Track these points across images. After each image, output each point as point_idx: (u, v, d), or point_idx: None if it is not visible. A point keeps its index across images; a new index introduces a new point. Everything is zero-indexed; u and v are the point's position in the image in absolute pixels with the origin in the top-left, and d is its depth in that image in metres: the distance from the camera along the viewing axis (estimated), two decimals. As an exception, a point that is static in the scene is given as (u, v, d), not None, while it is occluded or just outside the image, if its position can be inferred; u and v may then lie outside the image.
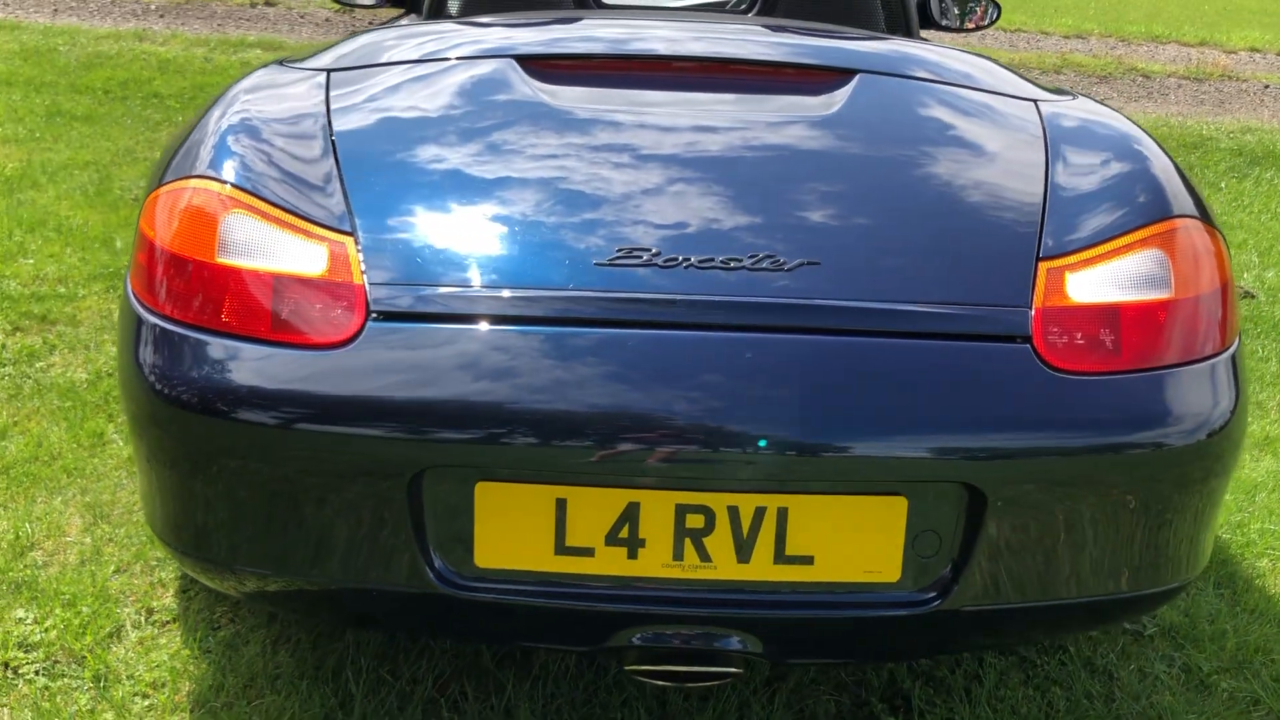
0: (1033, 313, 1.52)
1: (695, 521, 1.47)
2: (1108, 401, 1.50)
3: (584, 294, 1.48)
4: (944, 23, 3.48)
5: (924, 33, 3.64)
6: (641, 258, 1.51)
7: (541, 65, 1.92)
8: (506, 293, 1.48)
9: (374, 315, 1.48)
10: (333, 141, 1.70)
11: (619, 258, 1.51)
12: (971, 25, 3.56)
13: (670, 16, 2.49)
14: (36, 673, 1.88)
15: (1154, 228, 1.64)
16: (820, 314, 1.48)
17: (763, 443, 1.42)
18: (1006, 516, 1.48)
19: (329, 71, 1.97)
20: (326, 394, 1.44)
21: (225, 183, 1.61)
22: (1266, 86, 7.69)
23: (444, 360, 1.45)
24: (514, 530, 1.48)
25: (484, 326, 1.46)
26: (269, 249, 1.55)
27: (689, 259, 1.51)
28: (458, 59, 1.99)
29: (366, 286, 1.50)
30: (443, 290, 1.49)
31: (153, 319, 1.57)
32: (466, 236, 1.55)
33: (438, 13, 2.68)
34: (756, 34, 2.19)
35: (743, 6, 2.73)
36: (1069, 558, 1.53)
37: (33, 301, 3.37)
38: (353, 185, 1.62)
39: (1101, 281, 1.58)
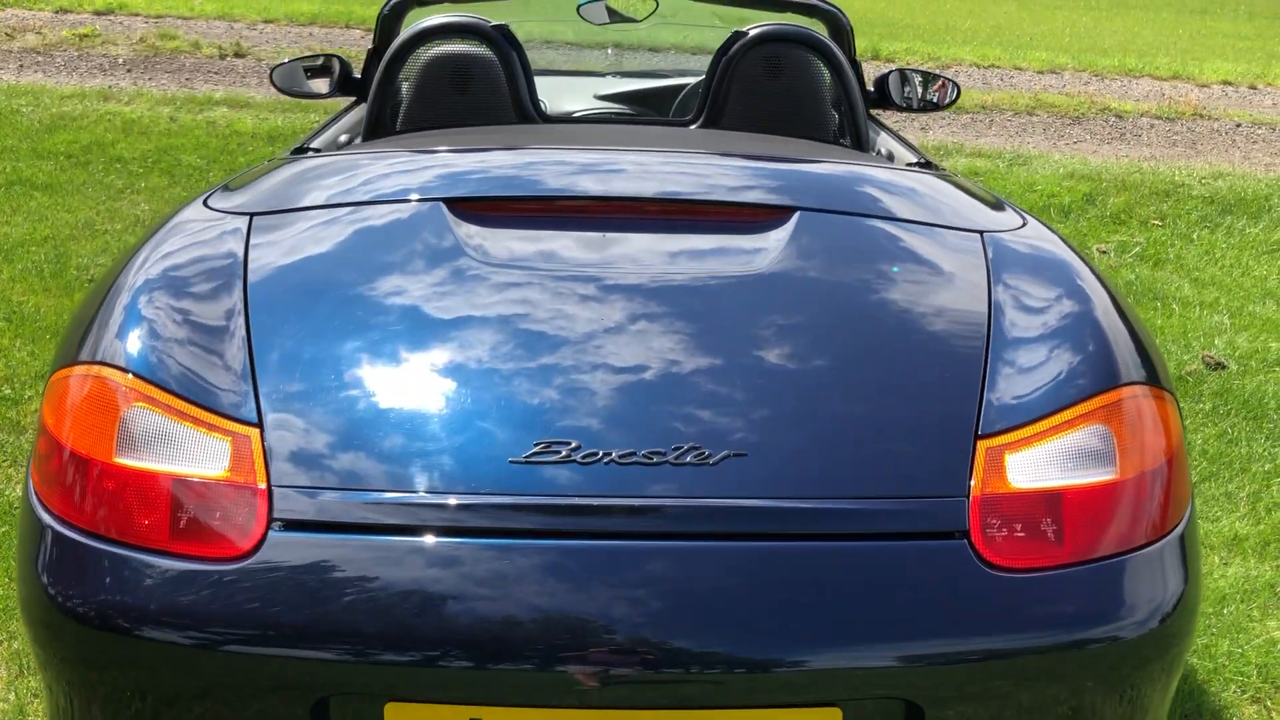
0: (970, 502, 1.46)
1: None
2: (1051, 601, 1.44)
3: (499, 500, 1.41)
4: (902, 104, 3.43)
5: (884, 114, 3.59)
6: (560, 453, 1.44)
7: (471, 208, 1.86)
8: (416, 498, 1.41)
9: (276, 524, 1.41)
10: (246, 310, 1.64)
11: (536, 454, 1.44)
12: (931, 103, 3.51)
13: (613, 136, 2.43)
14: None
15: (1098, 400, 1.58)
16: (746, 517, 1.42)
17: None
18: None
19: (251, 216, 1.91)
20: (224, 612, 1.37)
21: (127, 371, 1.54)
22: (1238, 125, 7.68)
23: (349, 574, 1.38)
24: None
25: (392, 537, 1.40)
26: (169, 447, 1.48)
27: (609, 454, 1.44)
28: (385, 201, 1.93)
29: (270, 490, 1.43)
30: (348, 495, 1.42)
31: (48, 519, 1.49)
32: (377, 430, 1.48)
33: (378, 124, 2.61)
34: (697, 159, 2.14)
35: (687, 117, 2.67)
36: None
37: (-25, 408, 3.29)
38: (262, 365, 1.55)
39: (1043, 463, 1.52)
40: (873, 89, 3.38)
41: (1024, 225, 2.04)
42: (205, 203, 2.03)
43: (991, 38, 11.92)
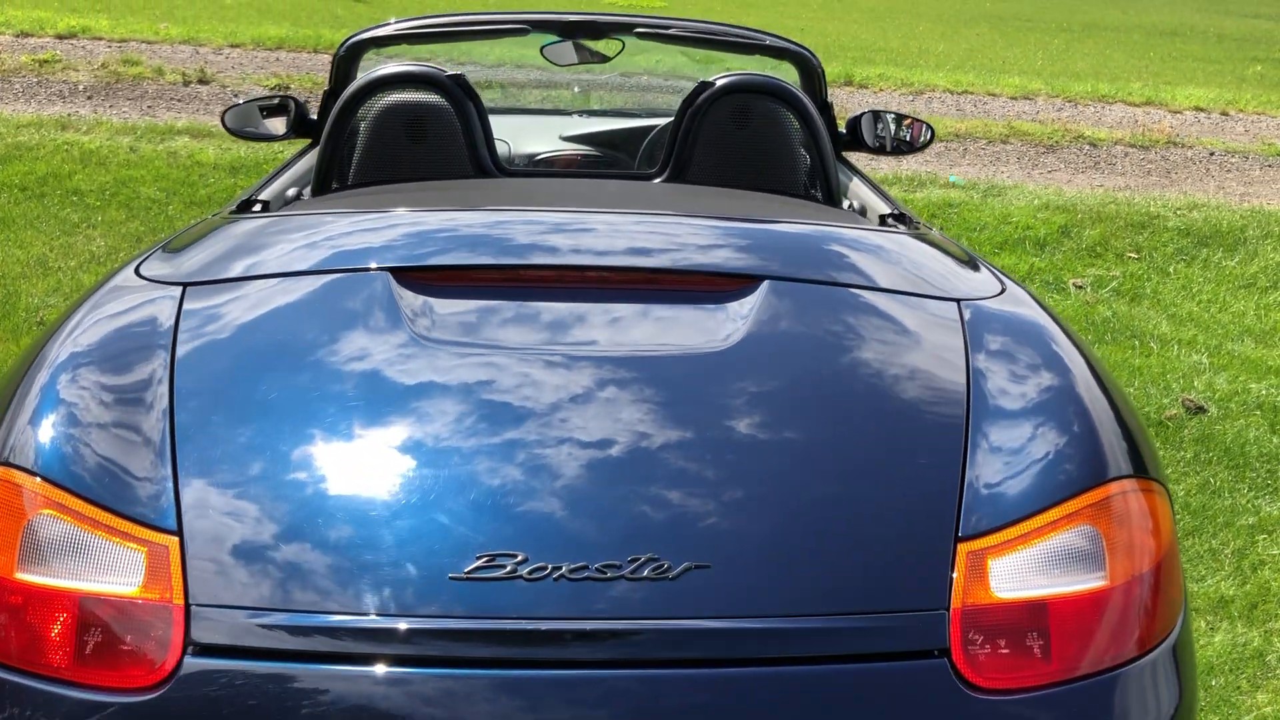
0: (950, 615, 1.35)
1: None
2: None
3: (438, 624, 1.29)
4: (875, 145, 3.34)
5: (856, 157, 3.51)
6: (505, 567, 1.32)
7: (419, 277, 1.75)
8: (347, 621, 1.29)
9: (192, 648, 1.28)
10: (171, 399, 1.51)
11: (479, 568, 1.32)
12: (905, 144, 3.43)
13: (572, 192, 2.32)
14: None
15: (1085, 497, 1.48)
16: (708, 641, 1.30)
17: None
18: None
19: (184, 286, 1.79)
20: None
21: (35, 474, 1.42)
22: (1211, 154, 7.66)
23: (274, 708, 1.26)
24: None
25: (321, 666, 1.27)
26: (77, 560, 1.35)
27: (559, 569, 1.32)
28: (327, 272, 1.81)
29: (188, 609, 1.30)
30: (273, 617, 1.30)
31: None
32: (307, 540, 1.36)
33: (328, 176, 2.49)
34: (659, 221, 2.03)
35: (652, 170, 2.57)
36: None
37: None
38: (185, 462, 1.43)
39: (1028, 568, 1.41)
40: (844, 131, 3.30)
41: (1002, 291, 1.94)
42: (138, 269, 1.91)
43: (965, 61, 11.91)
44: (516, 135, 3.55)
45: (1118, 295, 5.19)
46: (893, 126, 3.42)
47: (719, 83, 2.47)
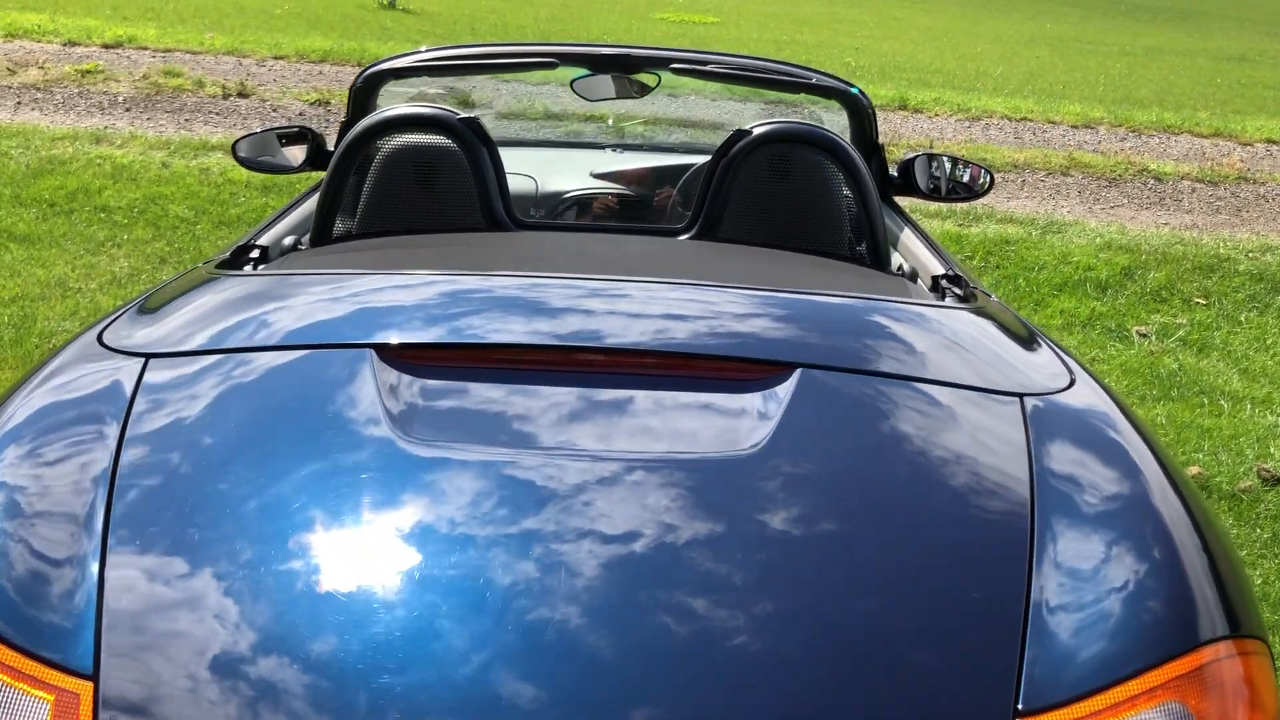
0: None
1: None
2: None
3: None
4: (928, 190, 3.09)
5: (907, 201, 3.26)
6: None
7: (407, 356, 1.54)
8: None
9: None
10: (110, 505, 1.31)
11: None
12: (961, 187, 3.17)
13: (591, 251, 2.10)
14: None
15: (1173, 666, 1.22)
16: None
17: None
18: None
19: (147, 359, 1.60)
20: None
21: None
22: (1286, 190, 7.29)
23: None
24: None
25: None
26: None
27: None
28: (303, 347, 1.61)
29: None
30: None
31: None
32: (252, 692, 1.15)
33: (327, 223, 2.30)
34: (682, 292, 1.80)
35: (679, 226, 2.34)
36: None
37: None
38: (114, 590, 1.22)
39: None
40: (896, 174, 3.06)
41: (1071, 384, 1.69)
42: (100, 335, 1.72)
43: (1023, 86, 11.57)
44: (546, 170, 3.35)
45: (1184, 345, 4.88)
46: (948, 169, 3.17)
47: (756, 131, 2.24)
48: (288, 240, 2.27)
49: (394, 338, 1.58)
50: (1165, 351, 4.79)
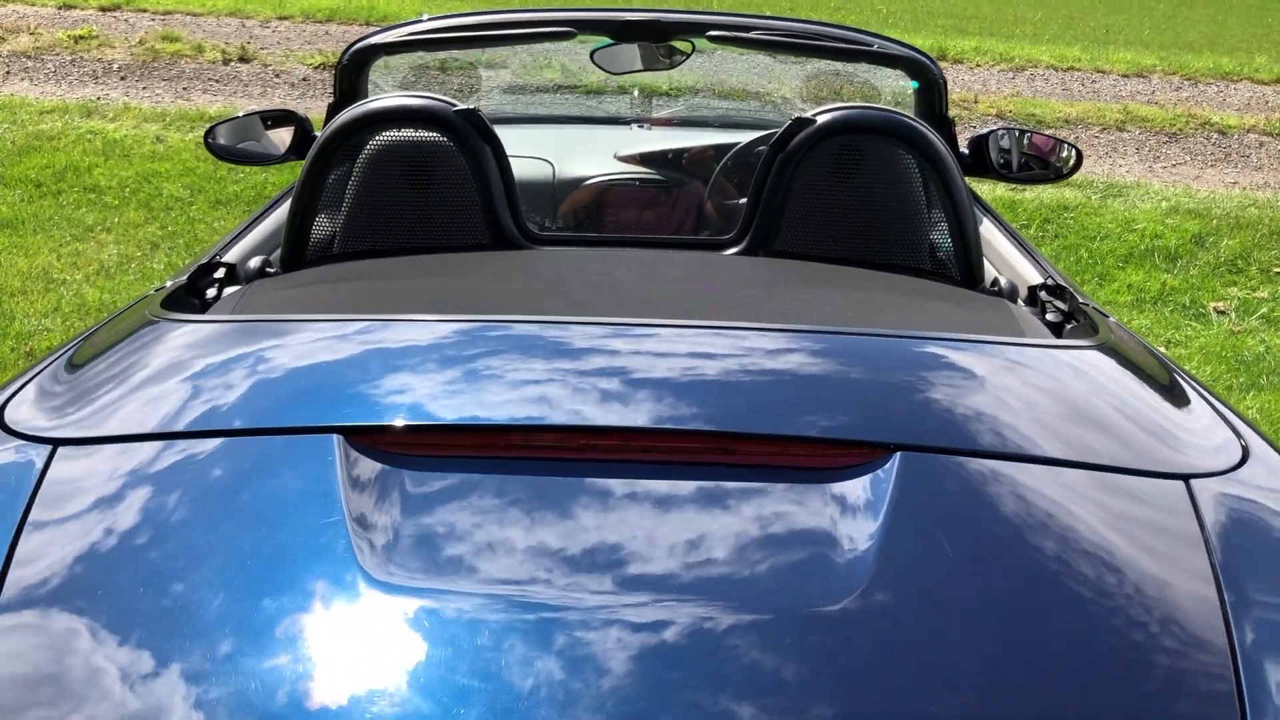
0: None
1: None
2: None
3: None
4: (1003, 170, 2.68)
5: (978, 183, 2.84)
6: None
7: (383, 443, 1.17)
8: None
9: None
10: None
11: None
12: (1041, 166, 2.75)
13: (621, 277, 1.71)
14: None
15: None
16: None
17: None
18: None
19: (55, 445, 1.24)
20: None
21: None
22: (1361, 142, 6.78)
23: None
24: None
25: None
26: None
27: None
28: (254, 431, 1.24)
29: None
30: None
31: None
32: None
33: (298, 241, 1.91)
34: (738, 337, 1.40)
35: (726, 237, 1.93)
36: None
37: None
38: None
39: None
40: (966, 151, 2.64)
41: (1244, 459, 1.30)
42: (2, 410, 1.35)
43: (1065, 31, 10.99)
44: (564, 151, 2.94)
45: (1268, 324, 4.44)
46: (1025, 144, 2.75)
47: (820, 120, 1.83)
48: (253, 263, 1.89)
49: (365, 417, 1.20)
50: (1247, 331, 4.36)
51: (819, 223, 1.84)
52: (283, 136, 2.84)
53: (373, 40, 2.48)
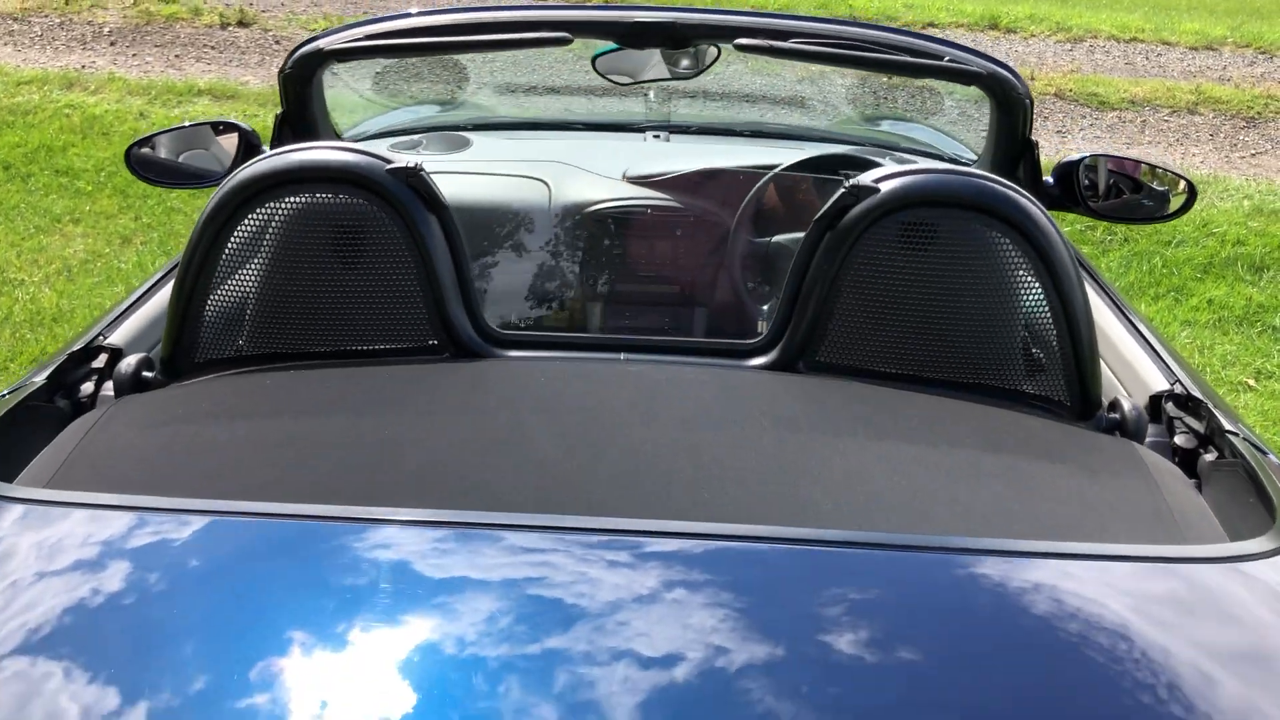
0: None
1: None
2: None
3: None
4: (1096, 206, 2.20)
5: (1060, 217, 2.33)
6: None
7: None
8: None
9: None
10: None
11: None
12: (1142, 205, 2.26)
13: (612, 411, 1.23)
14: None
15: None
16: None
17: None
18: None
19: None
20: None
21: None
22: None
23: None
24: None
25: None
26: None
27: None
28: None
29: None
30: None
31: None
32: None
33: (183, 338, 1.44)
34: (781, 551, 0.94)
35: (752, 343, 1.44)
36: None
37: None
38: None
39: None
40: (1051, 180, 2.15)
41: None
42: None
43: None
44: (563, 170, 2.45)
45: (1372, 351, 3.91)
46: (1123, 174, 2.27)
47: (883, 189, 1.34)
48: (129, 363, 1.42)
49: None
50: (1349, 361, 3.82)
51: (879, 327, 1.36)
52: (227, 144, 2.41)
53: (319, 44, 2.00)
